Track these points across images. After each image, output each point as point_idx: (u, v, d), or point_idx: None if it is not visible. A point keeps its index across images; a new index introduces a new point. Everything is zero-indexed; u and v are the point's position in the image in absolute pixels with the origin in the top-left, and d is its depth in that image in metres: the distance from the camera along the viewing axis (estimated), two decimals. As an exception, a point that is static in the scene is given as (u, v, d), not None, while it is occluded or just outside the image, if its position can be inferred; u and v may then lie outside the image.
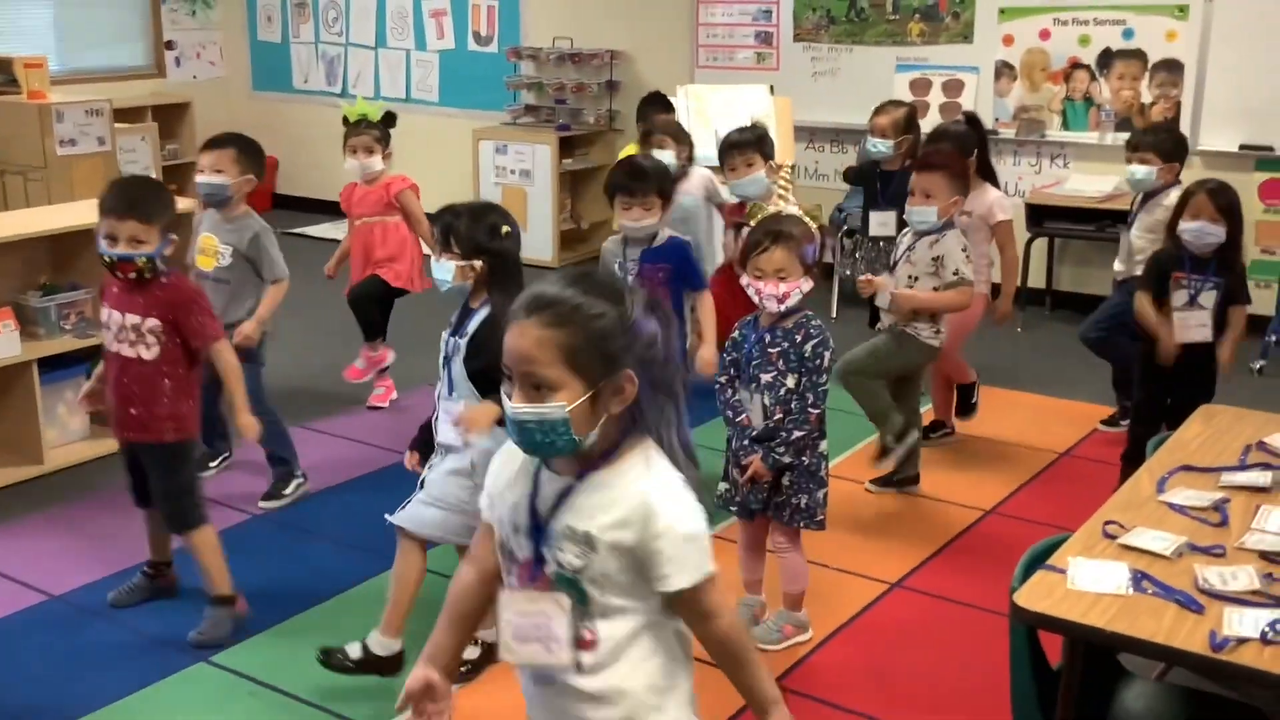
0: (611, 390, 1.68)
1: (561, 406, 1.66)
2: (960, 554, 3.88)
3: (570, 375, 1.66)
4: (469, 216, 3.00)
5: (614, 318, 1.68)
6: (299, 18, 9.23)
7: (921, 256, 4.04)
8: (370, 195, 5.01)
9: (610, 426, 1.72)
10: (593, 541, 1.70)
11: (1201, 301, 3.86)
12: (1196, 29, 6.09)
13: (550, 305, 1.69)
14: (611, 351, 1.67)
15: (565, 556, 1.71)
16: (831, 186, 7.13)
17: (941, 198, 3.99)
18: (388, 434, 4.87)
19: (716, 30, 7.52)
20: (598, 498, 1.72)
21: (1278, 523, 2.35)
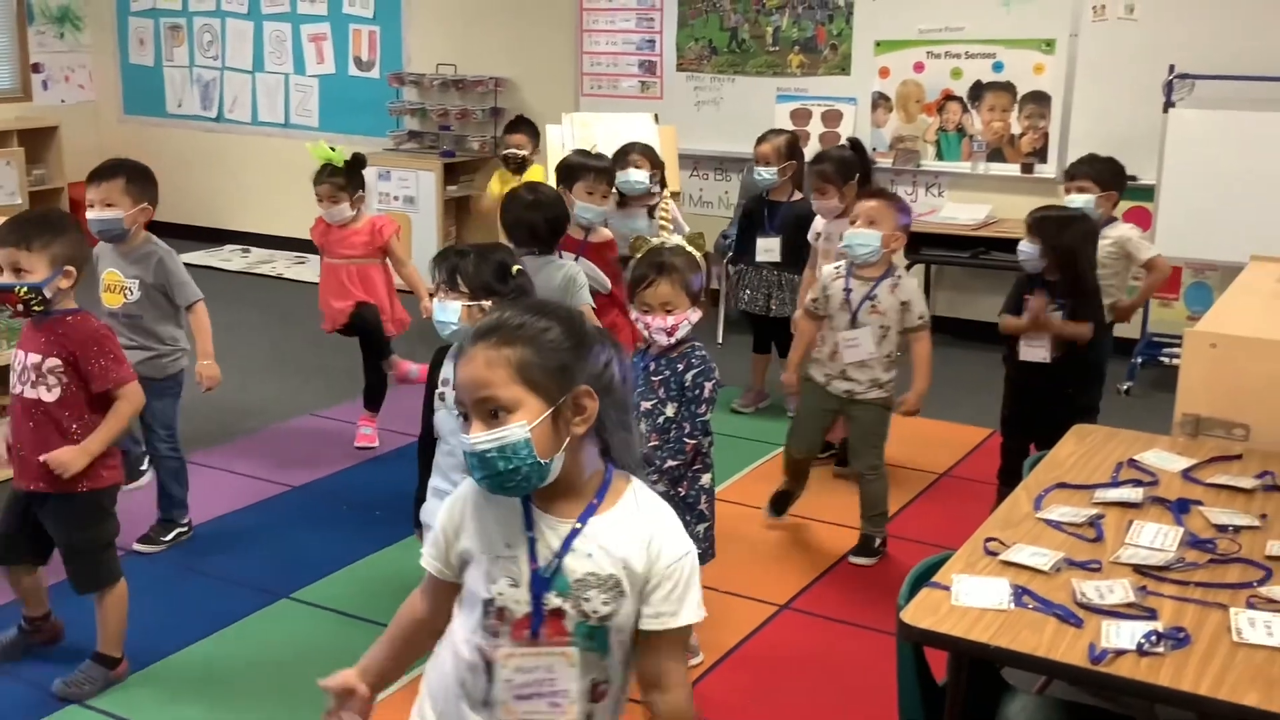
0: (572, 407, 1.63)
1: (522, 425, 1.59)
2: (846, 575, 3.94)
3: (527, 392, 1.61)
4: (476, 256, 2.88)
5: (562, 332, 1.65)
6: (172, 41, 9.02)
7: (889, 304, 3.90)
8: (355, 237, 4.82)
9: (584, 458, 1.68)
10: (621, 586, 1.66)
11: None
12: (1063, 63, 6.33)
13: (496, 328, 1.65)
14: (566, 364, 1.63)
15: (592, 605, 1.66)
16: (716, 214, 7.22)
17: (886, 226, 3.87)
18: (269, 465, 4.76)
19: (600, 59, 7.57)
20: (613, 538, 1.67)
21: (1150, 537, 2.43)
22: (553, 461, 1.63)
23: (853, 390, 3.98)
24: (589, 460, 1.70)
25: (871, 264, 3.91)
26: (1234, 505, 2.62)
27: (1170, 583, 2.26)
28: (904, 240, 4.05)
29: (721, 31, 7.18)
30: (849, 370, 3.97)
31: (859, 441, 4.08)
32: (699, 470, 3.20)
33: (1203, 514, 2.56)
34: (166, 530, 4.03)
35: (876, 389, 3.97)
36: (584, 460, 1.69)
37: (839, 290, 3.96)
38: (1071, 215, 4.09)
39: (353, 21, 8.30)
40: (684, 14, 7.26)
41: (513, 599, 1.69)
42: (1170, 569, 2.30)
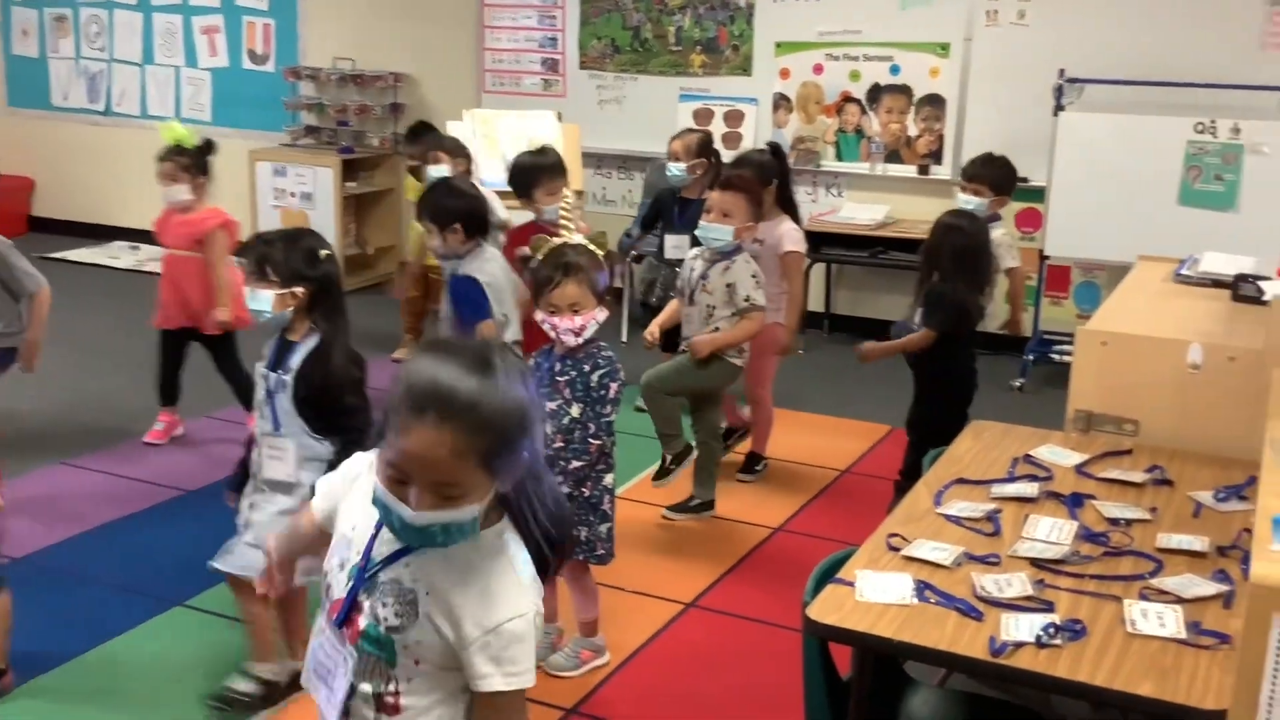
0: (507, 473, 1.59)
1: (473, 509, 1.54)
2: (751, 571, 3.96)
3: (484, 476, 1.55)
4: (284, 243, 2.91)
5: (520, 411, 1.56)
6: (58, 32, 8.72)
7: (716, 285, 4.11)
8: (181, 227, 4.69)
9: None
10: (416, 606, 1.60)
11: (917, 320, 4.07)
12: (957, 66, 6.46)
13: (465, 411, 1.51)
14: (521, 447, 1.57)
15: (385, 611, 1.61)
16: (619, 212, 7.21)
17: (738, 218, 4.05)
18: (159, 468, 4.63)
19: (502, 56, 7.51)
20: (438, 565, 1.60)
21: (1045, 531, 2.49)
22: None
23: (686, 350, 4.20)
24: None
25: (725, 252, 4.09)
26: (1125, 499, 2.69)
27: (1066, 575, 2.31)
28: (755, 230, 4.19)
29: (624, 30, 7.17)
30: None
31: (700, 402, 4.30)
32: (603, 470, 3.20)
33: (1096, 508, 2.63)
34: None
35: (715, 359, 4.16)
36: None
37: (689, 271, 4.24)
38: (950, 225, 4.04)
39: (246, 14, 8.12)
40: (586, 12, 7.24)
41: (336, 579, 1.69)
42: (1066, 562, 2.36)
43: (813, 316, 6.79)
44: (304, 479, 2.92)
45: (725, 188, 4.15)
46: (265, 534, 2.90)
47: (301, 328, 2.94)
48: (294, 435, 2.93)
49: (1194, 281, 3.60)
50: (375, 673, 1.64)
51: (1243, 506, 2.63)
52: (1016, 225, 6.39)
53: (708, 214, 4.10)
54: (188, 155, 4.68)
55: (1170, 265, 3.79)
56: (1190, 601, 2.20)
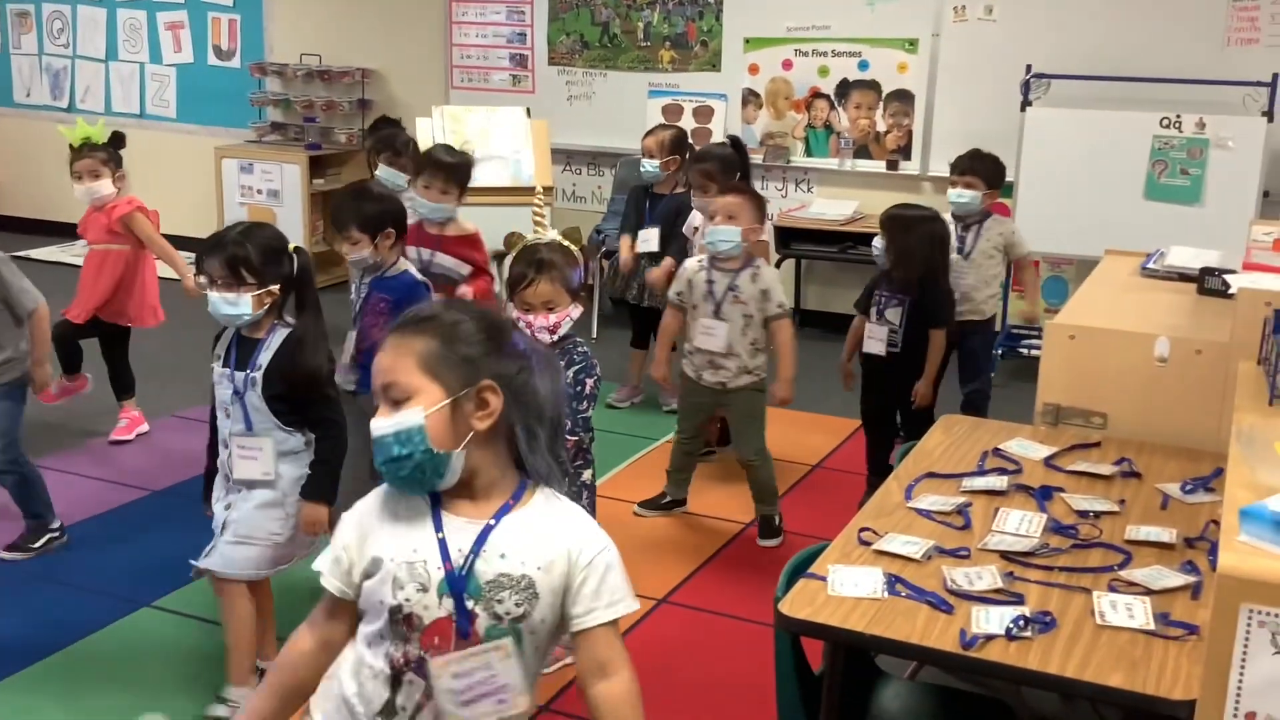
0: (473, 400, 1.63)
1: (418, 411, 1.60)
2: (724, 567, 3.97)
3: (427, 380, 1.62)
4: (255, 244, 2.84)
5: (474, 327, 1.66)
6: (20, 27, 8.62)
7: (750, 293, 3.97)
8: (97, 220, 4.67)
9: (491, 460, 1.68)
10: (534, 586, 1.65)
11: (887, 315, 4.10)
12: (925, 62, 6.48)
13: (412, 318, 1.68)
14: (471, 357, 1.63)
15: (505, 606, 1.64)
16: (589, 209, 7.20)
17: (745, 220, 3.94)
18: (127, 469, 4.58)
19: (470, 51, 7.48)
20: (526, 539, 1.66)
21: (1015, 524, 2.50)
22: (450, 456, 1.63)
23: (724, 380, 4.04)
24: (498, 463, 1.70)
25: (733, 257, 3.98)
26: (1094, 491, 2.71)
27: (1036, 568, 2.32)
28: (761, 230, 4.13)
29: (593, 26, 7.16)
30: (716, 359, 4.02)
31: (739, 429, 4.16)
32: (580, 466, 3.19)
33: (1065, 500, 2.64)
34: (37, 536, 3.85)
35: (746, 375, 4.04)
36: (492, 462, 1.69)
37: (702, 282, 4.03)
38: (920, 216, 4.17)
39: (212, 9, 8.05)
40: (555, 7, 7.22)
41: (420, 604, 1.66)
42: (1035, 554, 2.37)
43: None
44: (283, 472, 2.92)
45: (729, 191, 4.09)
46: (249, 528, 2.91)
47: (265, 324, 2.92)
48: (267, 432, 2.91)
49: (1160, 275, 3.62)
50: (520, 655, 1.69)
51: (1210, 498, 2.65)
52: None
53: (713, 218, 3.98)
54: (103, 150, 4.62)
55: (1137, 259, 3.82)
56: (1159, 593, 2.22)
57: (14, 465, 3.80)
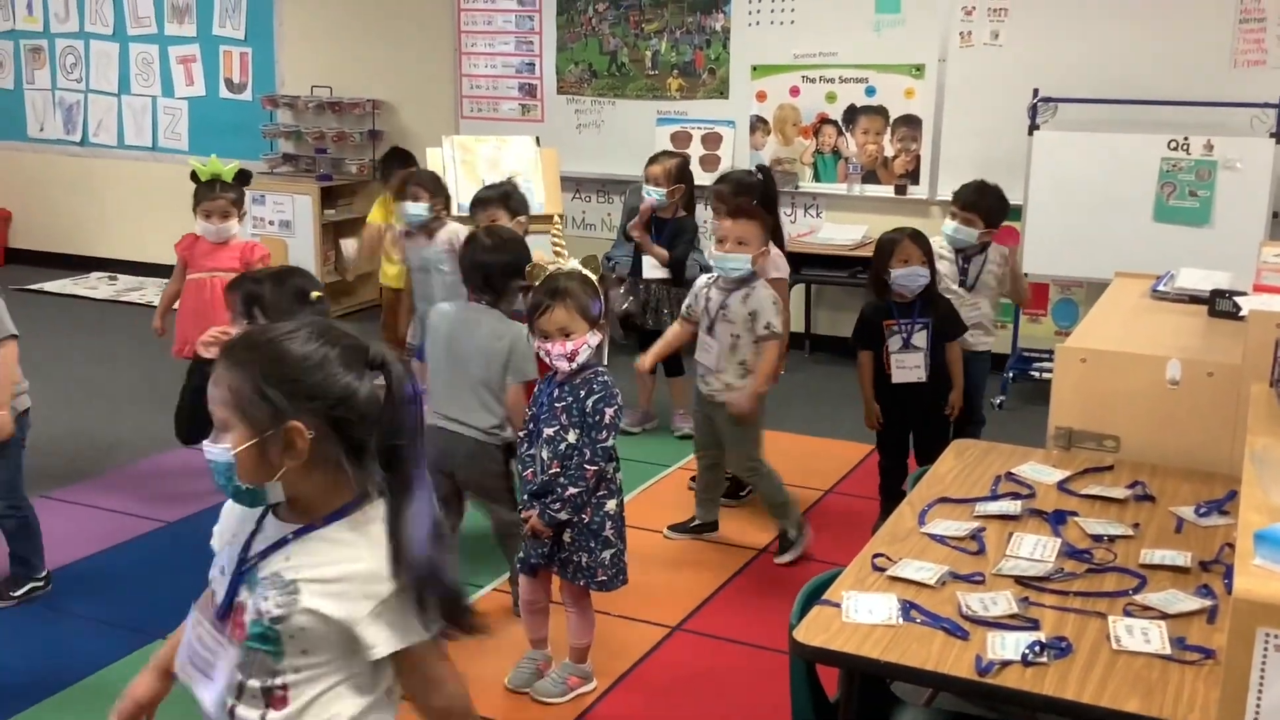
0: (278, 441, 1.62)
1: (225, 450, 1.63)
2: (737, 594, 3.95)
3: (236, 418, 1.63)
4: (273, 282, 2.87)
5: (291, 362, 1.63)
6: (34, 63, 8.70)
7: (738, 313, 4.00)
8: (225, 252, 4.64)
9: (316, 485, 1.67)
10: (297, 592, 1.63)
11: (915, 342, 4.09)
12: (932, 87, 6.51)
13: (238, 344, 1.69)
14: (272, 398, 1.61)
15: (267, 604, 1.64)
16: (599, 236, 7.23)
17: (754, 245, 3.99)
18: (139, 501, 4.59)
19: (480, 81, 7.53)
20: (311, 554, 1.66)
21: (1030, 549, 2.49)
22: (265, 489, 1.65)
23: (711, 394, 4.11)
24: (326, 483, 1.67)
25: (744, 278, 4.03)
26: (1108, 515, 2.70)
27: (1051, 593, 2.32)
28: (768, 253, 4.15)
29: (601, 55, 7.20)
30: (706, 375, 4.12)
31: (727, 442, 4.17)
32: (604, 496, 3.19)
33: (1079, 524, 2.64)
34: (18, 585, 3.78)
35: (730, 393, 4.06)
36: (316, 484, 1.67)
37: (704, 298, 4.12)
38: (917, 231, 4.17)
39: (223, 43, 8.12)
40: (563, 37, 7.27)
41: (220, 584, 1.73)
42: (1050, 579, 2.36)
43: (794, 337, 6.80)
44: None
45: (736, 215, 4.06)
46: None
47: None
48: None
49: (1171, 297, 3.62)
50: (262, 668, 1.67)
51: (1224, 521, 2.65)
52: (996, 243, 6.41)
53: (721, 244, 4.00)
54: (232, 190, 4.65)
55: (1147, 281, 3.82)
56: (1174, 617, 2.21)
57: (15, 510, 3.74)
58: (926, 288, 4.07)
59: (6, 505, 3.72)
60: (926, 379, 4.09)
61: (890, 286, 4.07)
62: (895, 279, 4.04)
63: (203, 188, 4.65)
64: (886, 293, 4.10)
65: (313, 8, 7.86)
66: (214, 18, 8.09)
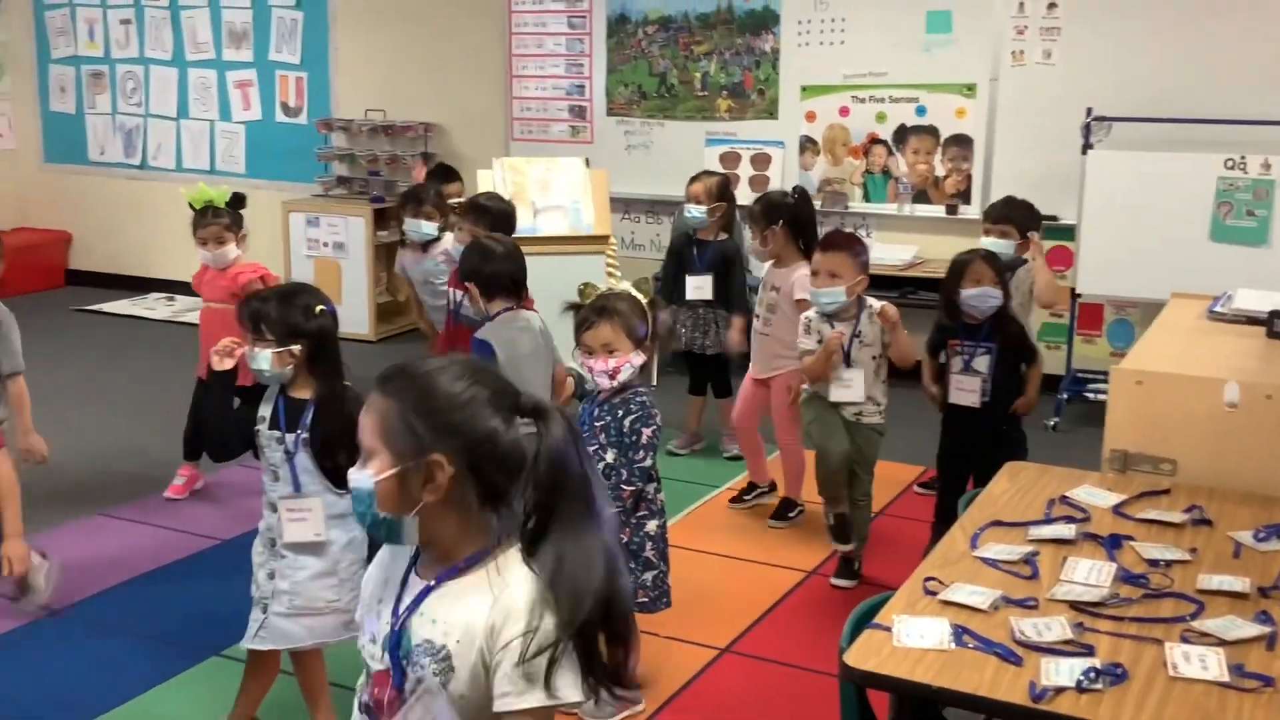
0: (419, 473, 1.61)
1: (369, 476, 1.63)
2: (786, 616, 3.94)
3: (381, 445, 1.64)
4: (278, 300, 2.89)
5: (439, 395, 1.62)
6: (94, 88, 8.89)
7: (873, 334, 4.05)
8: (219, 280, 4.72)
9: (453, 526, 1.65)
10: (451, 659, 1.62)
11: (975, 366, 4.04)
12: (984, 106, 6.47)
13: (391, 374, 1.69)
14: (418, 430, 1.61)
15: (424, 673, 1.63)
16: (647, 256, 7.24)
17: (848, 276, 3.98)
18: (192, 518, 4.65)
19: (530, 104, 7.59)
20: (456, 609, 1.63)
21: (1084, 573, 2.46)
22: (403, 521, 1.64)
23: (860, 411, 4.08)
24: (458, 527, 1.65)
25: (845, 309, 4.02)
26: (1164, 540, 2.66)
27: (1106, 618, 2.28)
28: (865, 281, 4.09)
29: (650, 77, 7.24)
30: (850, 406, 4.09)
31: (859, 466, 4.14)
32: (644, 517, 3.19)
33: (1134, 549, 2.60)
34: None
35: (874, 408, 4.09)
36: (452, 528, 1.65)
37: (818, 332, 4.08)
38: (995, 255, 4.15)
39: (280, 68, 8.25)
40: (613, 60, 7.31)
41: (369, 653, 1.71)
42: (1105, 605, 2.33)
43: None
44: (333, 537, 2.92)
45: (827, 248, 4.05)
46: (306, 600, 2.90)
47: (307, 385, 2.91)
48: (317, 494, 2.91)
49: (1228, 319, 3.57)
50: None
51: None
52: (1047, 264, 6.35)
53: (815, 276, 4.01)
54: (225, 214, 4.70)
55: (1203, 302, 3.76)
56: (1233, 644, 2.17)
57: None
58: (997, 311, 4.01)
59: None
60: (984, 404, 4.02)
61: (960, 307, 4.02)
62: (966, 300, 3.98)
63: (197, 215, 4.69)
64: (956, 314, 4.05)
65: (367, 32, 7.98)
66: (270, 43, 8.23)
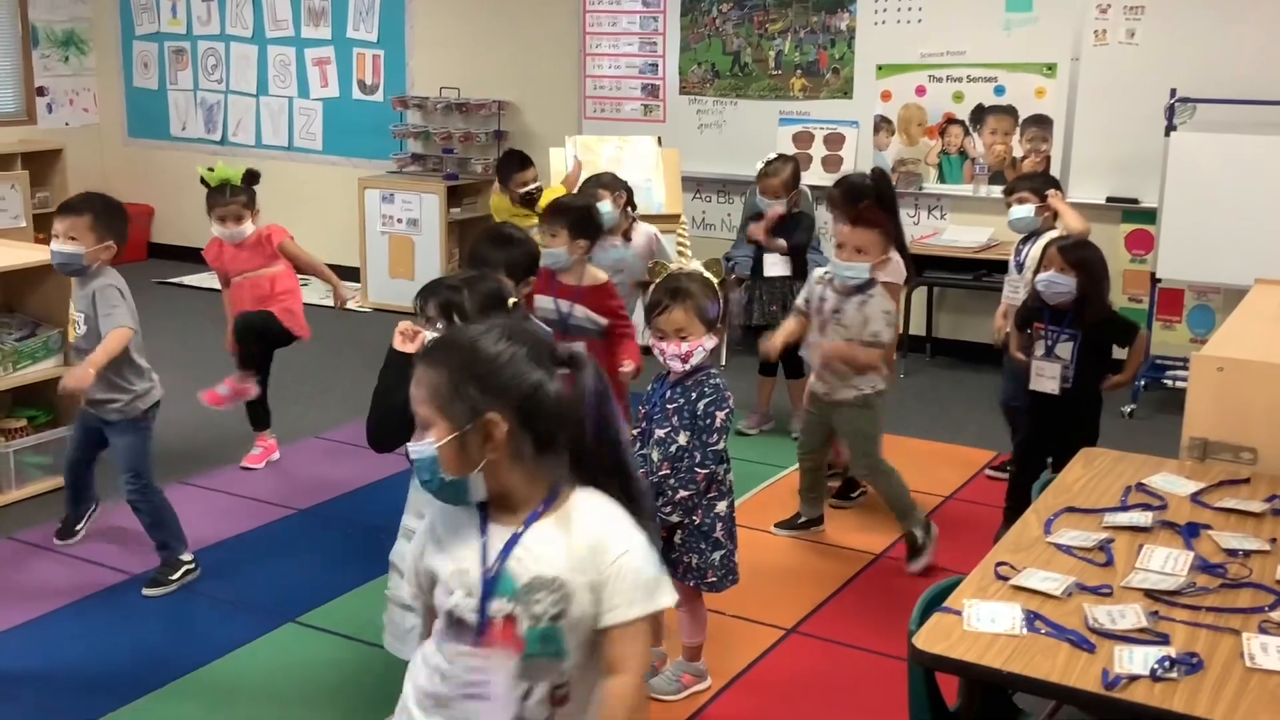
0: (477, 434, 1.72)
1: (430, 444, 1.73)
2: (854, 598, 3.93)
3: (437, 415, 1.73)
4: (473, 292, 2.81)
5: (483, 359, 1.73)
6: (177, 65, 9.06)
7: (853, 319, 4.00)
8: (240, 254, 4.81)
9: (518, 476, 1.76)
10: (566, 587, 1.72)
11: (1058, 352, 3.98)
12: (1064, 86, 6.36)
13: (434, 347, 1.82)
14: (468, 393, 1.71)
15: (541, 606, 1.72)
16: (719, 236, 7.23)
17: (874, 254, 3.99)
18: (272, 489, 4.75)
19: (603, 82, 7.60)
20: (558, 543, 1.75)
21: (1160, 562, 2.43)
22: (468, 479, 1.74)
23: (828, 391, 4.10)
24: (524, 476, 1.77)
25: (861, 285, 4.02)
26: (1243, 529, 2.61)
27: (1182, 607, 2.25)
28: (890, 260, 4.11)
29: (724, 55, 7.20)
30: (822, 372, 4.10)
31: (849, 445, 4.19)
32: (714, 498, 3.20)
33: (1212, 538, 2.56)
34: (173, 569, 3.91)
35: (849, 389, 4.05)
36: (519, 477, 1.77)
37: (817, 296, 4.13)
38: (1099, 252, 4.04)
39: (357, 45, 8.34)
40: (686, 38, 7.29)
41: (468, 608, 1.77)
42: (1181, 594, 2.30)
43: (915, 340, 6.73)
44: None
45: (856, 223, 4.05)
46: None
47: None
48: None
49: (1315, 305, 3.49)
50: (547, 671, 1.75)
51: (1369, 539, 2.54)
52: (1127, 247, 6.26)
53: (840, 249, 4.02)
54: (243, 193, 4.77)
55: (1289, 289, 3.68)
56: (1313, 636, 2.13)
57: (145, 497, 3.87)
58: (1078, 301, 3.93)
59: (136, 493, 3.85)
60: (1064, 391, 3.96)
61: None
62: (1036, 282, 3.99)
63: (214, 193, 4.75)
64: (1039, 299, 4.02)
65: (443, 11, 8.03)
66: (348, 21, 8.31)
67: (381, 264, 7.80)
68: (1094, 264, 3.95)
